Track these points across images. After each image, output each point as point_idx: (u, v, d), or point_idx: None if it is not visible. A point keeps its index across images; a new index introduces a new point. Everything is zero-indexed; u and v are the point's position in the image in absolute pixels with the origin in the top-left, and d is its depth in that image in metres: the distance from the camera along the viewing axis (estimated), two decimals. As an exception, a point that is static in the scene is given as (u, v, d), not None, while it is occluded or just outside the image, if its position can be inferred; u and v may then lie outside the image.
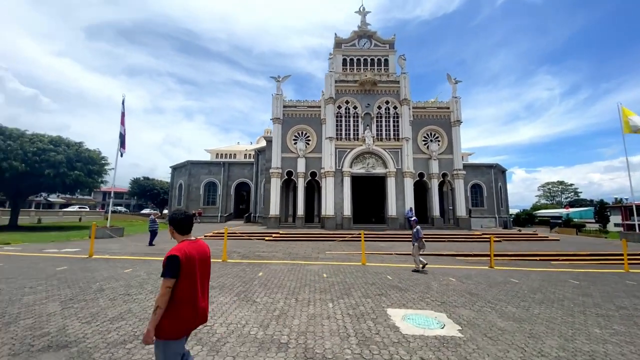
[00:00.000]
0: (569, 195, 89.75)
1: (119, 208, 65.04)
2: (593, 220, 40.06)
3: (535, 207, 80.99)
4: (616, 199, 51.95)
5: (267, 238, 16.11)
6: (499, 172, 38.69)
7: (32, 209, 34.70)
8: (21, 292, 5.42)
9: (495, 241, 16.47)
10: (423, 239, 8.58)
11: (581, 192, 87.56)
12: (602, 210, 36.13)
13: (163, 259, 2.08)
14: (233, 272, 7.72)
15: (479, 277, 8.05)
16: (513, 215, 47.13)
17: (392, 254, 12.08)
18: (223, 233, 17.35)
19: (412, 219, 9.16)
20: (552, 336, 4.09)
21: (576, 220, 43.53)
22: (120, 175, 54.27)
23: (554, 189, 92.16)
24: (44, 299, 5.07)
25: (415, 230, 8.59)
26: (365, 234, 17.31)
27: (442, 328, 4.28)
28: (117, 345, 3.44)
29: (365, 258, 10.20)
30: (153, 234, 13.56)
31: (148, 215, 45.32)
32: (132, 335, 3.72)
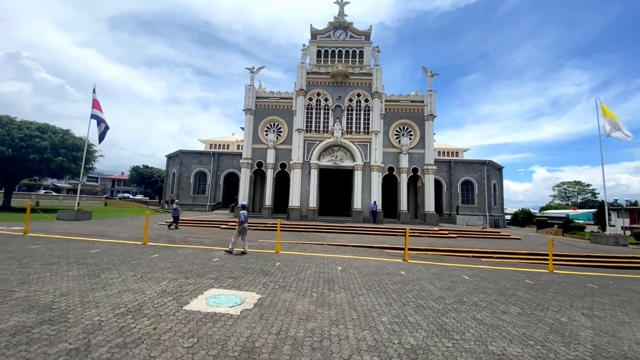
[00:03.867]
0: (586, 196, 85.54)
1: (126, 195, 68.49)
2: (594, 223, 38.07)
3: (546, 207, 77.81)
4: (628, 201, 49.31)
5: (222, 226, 16.64)
6: (494, 170, 37.41)
7: (38, 192, 37.41)
8: None
9: (450, 237, 16.29)
10: (243, 225, 8.92)
11: (599, 194, 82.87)
12: (600, 212, 34.18)
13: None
14: (129, 253, 8.20)
15: (370, 268, 8.10)
16: (511, 214, 45.53)
17: (323, 244, 12.21)
18: (191, 220, 18.12)
19: (241, 204, 9.56)
20: (324, 318, 4.20)
21: (580, 222, 41.52)
22: (133, 164, 57.15)
23: (570, 189, 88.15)
24: None
25: (239, 215, 9.04)
26: (319, 226, 17.56)
27: (231, 307, 4.48)
28: None
29: (281, 247, 10.42)
30: (175, 219, 15.35)
31: (145, 202, 47.37)
32: None
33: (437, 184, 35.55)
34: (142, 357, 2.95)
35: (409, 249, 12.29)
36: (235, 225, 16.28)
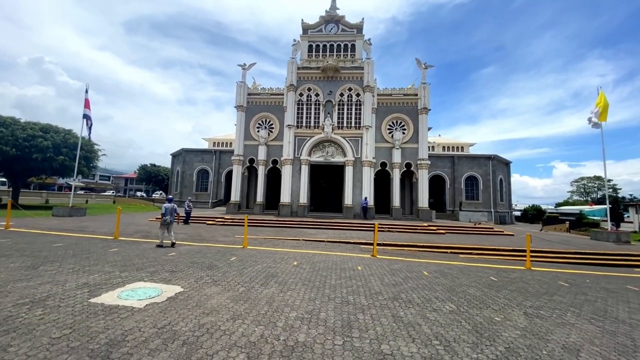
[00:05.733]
0: (607, 192, 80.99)
1: (139, 193, 70.89)
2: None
3: (562, 204, 74.58)
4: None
5: (209, 222, 16.80)
6: (501, 164, 35.97)
7: (53, 191, 39.24)
8: None
9: (439, 233, 15.79)
10: (165, 217, 9.02)
11: (620, 189, 78.30)
12: (613, 208, 32.28)
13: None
14: (89, 247, 8.35)
15: (328, 263, 7.88)
16: (521, 211, 43.73)
17: (299, 239, 12.07)
18: (181, 216, 18.43)
19: (167, 197, 9.98)
20: (228, 313, 4.06)
21: (596, 218, 39.41)
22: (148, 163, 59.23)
23: (590, 184, 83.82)
24: None
25: (167, 208, 9.19)
26: (305, 222, 17.41)
27: (140, 300, 4.41)
28: None
29: (252, 242, 10.37)
30: (187, 215, 16.37)
31: (152, 199, 48.76)
32: None
33: (440, 180, 34.58)
34: (0, 345, 2.91)
35: (389, 245, 12.01)
36: (224, 221, 16.30)
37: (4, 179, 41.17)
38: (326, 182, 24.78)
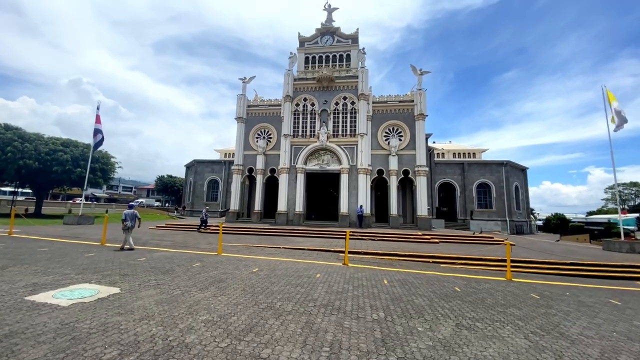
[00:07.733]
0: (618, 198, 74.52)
1: (156, 203, 74.37)
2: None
3: (597, 212, 69.28)
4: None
5: (202, 230, 17.31)
6: (515, 171, 34.24)
7: (76, 201, 42.19)
8: None
9: (432, 242, 15.25)
10: (125, 223, 9.73)
11: (658, 197, 71.50)
12: (644, 216, 29.47)
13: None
14: (69, 252, 8.92)
15: (290, 270, 7.88)
16: (542, 220, 40.94)
17: (279, 247, 12.12)
18: (176, 225, 19.09)
19: (129, 204, 10.26)
20: (141, 314, 4.20)
21: (631, 227, 36.06)
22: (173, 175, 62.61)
23: (626, 191, 77.33)
24: None
25: (127, 214, 9.86)
26: (297, 230, 17.45)
27: (70, 299, 4.67)
28: None
29: (226, 250, 10.58)
30: (203, 222, 17.42)
31: (166, 209, 50.68)
32: None
33: (450, 188, 33.45)
34: None
35: (368, 254, 11.75)
36: (219, 230, 16.56)
37: (29, 190, 44.97)
38: (324, 191, 24.80)
